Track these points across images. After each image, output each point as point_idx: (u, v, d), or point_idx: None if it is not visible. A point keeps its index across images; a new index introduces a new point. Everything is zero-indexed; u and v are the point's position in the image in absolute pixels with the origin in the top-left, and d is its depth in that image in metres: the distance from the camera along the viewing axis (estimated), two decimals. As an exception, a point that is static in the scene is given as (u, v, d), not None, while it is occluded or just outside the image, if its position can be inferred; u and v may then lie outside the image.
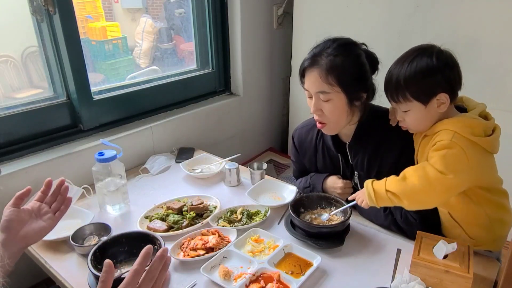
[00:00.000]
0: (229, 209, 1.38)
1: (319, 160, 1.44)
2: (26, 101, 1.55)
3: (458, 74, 1.06)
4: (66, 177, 1.49)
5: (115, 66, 2.50)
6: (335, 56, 1.15)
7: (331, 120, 1.22)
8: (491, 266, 1.12)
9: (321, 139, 1.40)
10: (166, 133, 1.90)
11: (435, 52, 1.05)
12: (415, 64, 1.05)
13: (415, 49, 1.08)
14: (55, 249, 1.22)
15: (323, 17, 2.10)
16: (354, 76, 1.17)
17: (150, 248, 0.80)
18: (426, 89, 1.04)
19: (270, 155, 2.57)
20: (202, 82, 2.17)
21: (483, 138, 1.02)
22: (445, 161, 1.02)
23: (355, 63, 1.17)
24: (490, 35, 1.64)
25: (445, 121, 1.06)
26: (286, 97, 2.59)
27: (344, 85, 1.16)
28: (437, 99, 1.04)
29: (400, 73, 1.06)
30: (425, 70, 1.03)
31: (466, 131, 1.02)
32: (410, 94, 1.06)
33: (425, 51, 1.06)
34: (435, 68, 1.03)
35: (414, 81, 1.04)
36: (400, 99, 1.08)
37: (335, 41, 1.19)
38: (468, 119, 1.05)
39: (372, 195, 1.11)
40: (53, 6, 1.45)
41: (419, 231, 1.11)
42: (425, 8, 1.77)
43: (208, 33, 2.14)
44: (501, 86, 1.67)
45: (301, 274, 1.08)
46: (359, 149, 1.30)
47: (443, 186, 1.03)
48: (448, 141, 1.02)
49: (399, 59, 1.10)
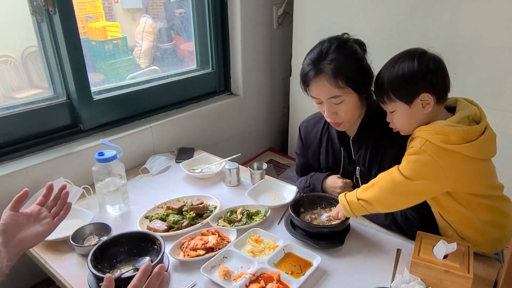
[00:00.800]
0: (229, 209, 1.38)
1: (322, 154, 1.44)
2: (26, 101, 1.55)
3: (443, 77, 1.08)
4: (66, 177, 1.50)
5: (115, 66, 2.50)
6: (337, 59, 1.16)
7: (347, 119, 1.25)
8: (491, 266, 1.12)
9: (327, 132, 1.42)
10: (166, 133, 1.90)
11: (417, 54, 1.07)
12: (397, 66, 1.08)
13: (402, 52, 1.12)
14: (55, 249, 1.22)
15: (323, 17, 2.10)
16: (359, 71, 1.19)
17: (149, 264, 0.83)
18: (408, 90, 1.07)
19: (270, 155, 2.57)
20: (202, 82, 2.17)
21: (460, 145, 1.01)
22: (412, 167, 1.05)
23: (355, 59, 1.19)
24: (490, 35, 1.64)
25: (420, 128, 1.09)
26: (286, 97, 2.59)
27: (353, 84, 1.18)
28: (420, 99, 1.06)
29: (385, 75, 1.10)
30: (406, 72, 1.06)
31: (437, 139, 1.03)
32: (393, 95, 1.09)
33: (409, 54, 1.09)
34: (416, 71, 1.05)
35: (396, 82, 1.08)
36: (385, 100, 1.12)
37: (330, 44, 1.19)
38: (440, 126, 1.05)
39: (346, 206, 1.16)
40: (53, 6, 1.45)
41: (419, 231, 1.11)
42: (425, 8, 1.77)
43: (208, 33, 2.14)
44: (501, 86, 1.67)
45: (301, 274, 1.08)
46: (361, 144, 1.31)
47: (410, 190, 1.06)
48: (418, 148, 1.05)
49: (387, 62, 1.13)
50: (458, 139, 1.02)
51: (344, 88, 1.17)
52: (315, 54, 1.19)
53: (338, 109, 1.21)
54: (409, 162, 1.06)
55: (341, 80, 1.16)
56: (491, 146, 1.07)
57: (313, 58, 1.19)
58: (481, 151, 1.04)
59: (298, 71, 1.26)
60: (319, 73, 1.17)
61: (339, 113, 1.22)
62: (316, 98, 1.23)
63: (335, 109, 1.21)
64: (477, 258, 1.10)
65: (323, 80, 1.17)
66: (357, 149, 1.33)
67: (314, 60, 1.19)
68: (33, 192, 1.42)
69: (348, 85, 1.17)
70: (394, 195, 1.08)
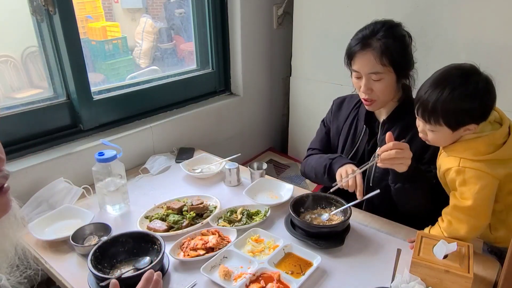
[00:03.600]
0: (229, 209, 1.38)
1: (344, 130, 1.47)
2: (26, 101, 1.55)
3: (494, 99, 1.07)
4: (66, 177, 1.50)
5: (115, 66, 2.50)
6: (387, 38, 1.23)
7: (380, 98, 1.29)
8: (491, 266, 1.12)
9: (357, 110, 1.46)
10: (166, 133, 1.90)
11: (472, 82, 1.03)
12: (452, 92, 1.02)
13: (457, 73, 1.06)
14: (55, 249, 1.22)
15: (323, 17, 2.10)
16: (403, 55, 1.26)
17: (151, 272, 0.87)
18: (460, 120, 1.04)
19: (270, 155, 2.57)
20: (202, 82, 2.17)
21: (492, 154, 1.03)
22: (465, 189, 1.07)
23: (402, 44, 1.26)
24: (490, 35, 1.64)
25: (450, 147, 1.10)
26: (286, 97, 2.59)
27: (395, 65, 1.24)
28: (467, 127, 1.06)
29: (439, 99, 1.04)
30: (463, 103, 1.02)
31: (469, 154, 1.05)
32: (443, 120, 1.05)
33: (468, 77, 1.04)
34: (471, 105, 1.02)
35: (452, 110, 1.03)
36: (432, 122, 1.07)
37: (384, 25, 1.26)
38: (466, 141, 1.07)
39: None
40: (53, 6, 1.45)
41: (419, 231, 1.11)
42: (425, 8, 1.77)
43: (208, 33, 2.14)
44: (501, 86, 1.66)
45: (301, 274, 1.08)
46: (390, 127, 1.35)
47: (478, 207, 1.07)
48: (457, 168, 1.07)
49: (438, 80, 1.07)
50: (487, 147, 1.04)
51: (386, 66, 1.23)
52: (368, 31, 1.27)
53: (374, 86, 1.27)
54: (460, 186, 1.08)
55: (386, 58, 1.22)
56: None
57: (364, 34, 1.26)
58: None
59: (298, 71, 1.27)
60: (367, 47, 1.24)
61: (375, 90, 1.27)
62: (356, 72, 1.28)
63: (372, 85, 1.27)
64: (477, 258, 1.10)
65: (369, 54, 1.23)
66: (385, 131, 1.35)
67: (366, 36, 1.26)
68: (33, 192, 1.42)
69: (391, 64, 1.23)
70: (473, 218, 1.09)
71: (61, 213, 1.35)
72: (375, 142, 1.39)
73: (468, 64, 1.07)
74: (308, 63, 2.25)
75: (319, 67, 2.20)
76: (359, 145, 1.42)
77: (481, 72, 1.06)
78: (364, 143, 1.40)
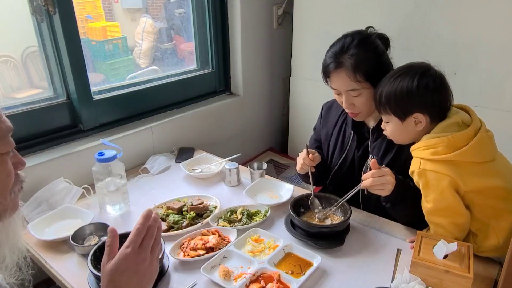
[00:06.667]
0: (229, 209, 1.38)
1: (333, 135, 1.47)
2: (26, 101, 1.55)
3: (443, 97, 1.09)
4: (66, 177, 1.50)
5: (115, 66, 2.50)
6: (358, 54, 1.20)
7: (364, 110, 1.29)
8: (491, 266, 1.12)
9: (345, 115, 1.45)
10: (166, 133, 1.90)
11: (419, 72, 1.08)
12: (397, 81, 1.10)
13: (406, 66, 1.13)
14: (55, 249, 1.22)
15: (323, 17, 2.10)
16: (378, 67, 1.23)
17: (150, 210, 0.85)
18: (402, 107, 1.10)
19: (270, 155, 2.57)
20: (202, 82, 2.17)
21: (449, 154, 1.03)
22: (428, 192, 1.08)
23: (376, 55, 1.24)
24: (491, 35, 1.64)
25: (412, 147, 1.12)
26: (286, 97, 2.59)
27: (371, 79, 1.22)
28: (413, 117, 1.09)
29: (384, 88, 1.13)
30: (404, 89, 1.09)
31: (427, 153, 1.06)
32: (389, 109, 1.13)
33: (411, 70, 1.10)
34: (413, 90, 1.07)
35: (392, 98, 1.11)
36: (381, 111, 1.16)
37: (353, 39, 1.23)
38: (425, 141, 1.08)
39: None
40: (53, 6, 1.45)
41: (419, 231, 1.11)
42: (425, 7, 1.77)
43: (208, 33, 2.14)
44: (502, 86, 1.67)
45: (301, 274, 1.08)
46: (381, 133, 1.33)
47: (445, 207, 1.08)
48: (418, 170, 1.08)
49: (389, 73, 1.15)
50: (445, 148, 1.04)
51: (362, 82, 1.21)
52: (338, 48, 1.24)
53: (355, 101, 1.26)
54: (423, 189, 1.10)
55: (360, 75, 1.20)
56: (486, 148, 1.06)
57: (335, 51, 1.24)
58: (474, 155, 1.04)
59: (298, 71, 1.27)
60: (339, 66, 1.22)
61: (356, 104, 1.27)
62: (335, 89, 1.28)
63: (353, 101, 1.26)
64: (477, 258, 1.10)
65: (342, 73, 1.22)
66: (375, 138, 1.35)
67: (336, 53, 1.24)
68: (33, 192, 1.42)
69: (367, 79, 1.21)
70: (439, 217, 1.10)
71: (61, 213, 1.35)
72: (365, 148, 1.38)
73: (421, 62, 1.13)
74: (308, 63, 2.25)
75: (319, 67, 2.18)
76: (347, 152, 1.41)
77: (432, 68, 1.10)
78: (353, 149, 1.40)
